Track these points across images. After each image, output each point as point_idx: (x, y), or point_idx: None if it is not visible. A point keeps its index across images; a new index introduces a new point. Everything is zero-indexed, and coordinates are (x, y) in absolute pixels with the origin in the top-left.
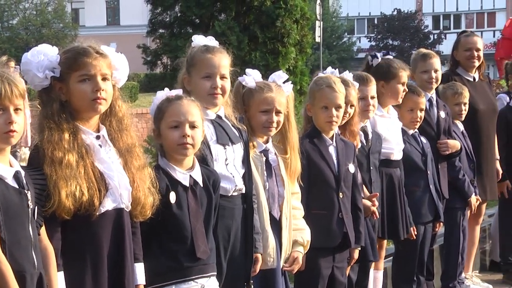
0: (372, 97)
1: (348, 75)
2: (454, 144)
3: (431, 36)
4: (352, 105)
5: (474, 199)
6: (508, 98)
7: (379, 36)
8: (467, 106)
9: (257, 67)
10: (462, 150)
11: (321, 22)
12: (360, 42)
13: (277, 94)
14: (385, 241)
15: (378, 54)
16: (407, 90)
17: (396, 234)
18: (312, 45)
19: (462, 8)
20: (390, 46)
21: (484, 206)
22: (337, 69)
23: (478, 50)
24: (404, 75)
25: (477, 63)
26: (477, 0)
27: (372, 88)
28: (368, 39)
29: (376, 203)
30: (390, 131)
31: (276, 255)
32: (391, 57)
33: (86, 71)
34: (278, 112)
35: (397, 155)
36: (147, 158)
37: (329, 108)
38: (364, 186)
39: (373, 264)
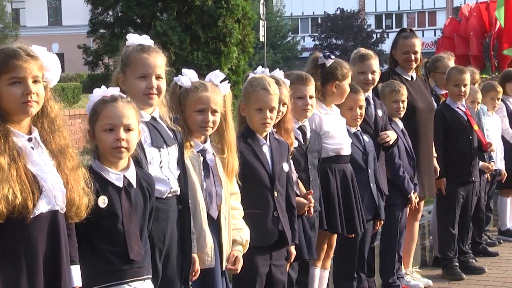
0: (311, 97)
1: (279, 74)
2: (392, 134)
3: (374, 35)
4: (284, 104)
5: (413, 196)
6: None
7: (323, 35)
8: (405, 103)
9: (199, 67)
10: (402, 146)
11: (265, 22)
12: (304, 41)
13: (212, 93)
14: (334, 240)
15: (332, 55)
16: (348, 89)
17: (354, 229)
18: (255, 45)
19: (404, 8)
20: (334, 45)
21: (422, 203)
22: (267, 68)
23: (415, 52)
24: (351, 75)
25: (414, 65)
26: (418, 0)
27: (311, 88)
28: (312, 38)
29: (312, 200)
30: (336, 127)
31: (214, 254)
32: (333, 56)
33: (16, 73)
34: (214, 112)
35: (347, 150)
36: (89, 160)
37: (263, 110)
38: (301, 184)
39: (320, 263)
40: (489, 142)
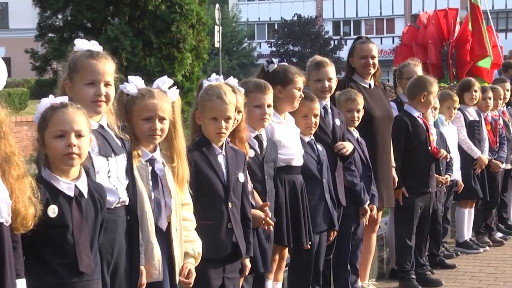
0: (269, 106)
1: (233, 81)
2: (349, 146)
3: (332, 42)
4: (239, 112)
5: (368, 207)
6: (396, 107)
7: (279, 42)
8: (361, 113)
9: (152, 73)
10: (357, 157)
11: (220, 27)
12: (260, 47)
13: (160, 100)
14: (286, 251)
15: (275, 60)
16: (303, 96)
17: (300, 242)
18: (210, 51)
19: (362, 14)
20: (291, 51)
21: (380, 214)
22: (221, 76)
23: (373, 57)
24: (300, 80)
25: (372, 70)
26: (377, 7)
27: (269, 97)
28: (269, 45)
29: (269, 212)
30: (288, 137)
31: (162, 267)
32: (286, 64)
33: None
34: (161, 119)
35: (298, 161)
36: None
37: (219, 120)
38: (257, 196)
39: (272, 275)
40: (439, 150)
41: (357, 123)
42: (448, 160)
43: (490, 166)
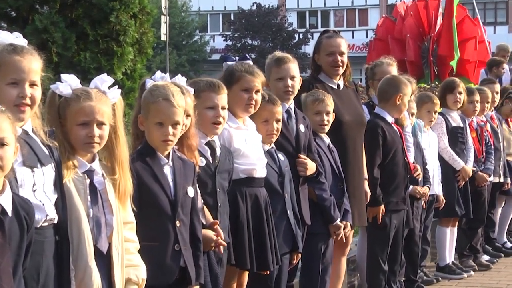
0: (223, 108)
1: (181, 80)
2: (312, 166)
3: (296, 36)
4: (188, 115)
5: (339, 225)
6: (368, 111)
7: (236, 35)
8: (331, 116)
9: (87, 70)
10: (328, 166)
11: (167, 17)
12: (214, 41)
13: (98, 102)
14: (246, 277)
15: (234, 57)
16: (254, 98)
17: (266, 265)
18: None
19: (331, 4)
20: (249, 46)
21: (351, 233)
22: (167, 74)
23: (342, 54)
24: (250, 80)
25: (341, 69)
26: None
27: (223, 97)
28: (224, 38)
29: (221, 232)
30: (249, 144)
31: None
32: (250, 62)
33: None
34: (100, 124)
35: (261, 172)
36: None
37: (165, 125)
38: (208, 213)
39: None
40: (415, 166)
41: (327, 128)
42: (418, 173)
43: (475, 179)
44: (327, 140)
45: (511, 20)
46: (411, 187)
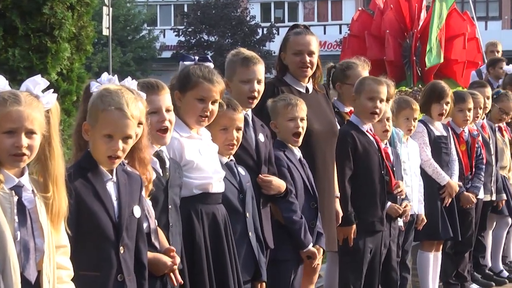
0: (168, 110)
1: (131, 84)
2: (279, 185)
3: (259, 31)
4: (140, 123)
5: (313, 251)
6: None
7: (190, 29)
8: (304, 123)
9: (16, 69)
10: (299, 183)
11: (110, 9)
12: (164, 36)
13: (28, 107)
14: None
15: (194, 57)
16: (210, 109)
17: None
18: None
19: None
20: (205, 42)
21: (321, 260)
22: (115, 76)
23: (311, 53)
24: (207, 88)
25: (310, 71)
26: None
27: (166, 98)
28: (176, 33)
29: (178, 258)
30: (204, 156)
31: None
32: (211, 65)
33: None
34: (30, 133)
35: (218, 187)
36: None
37: (115, 139)
38: (163, 235)
39: None
40: (397, 182)
41: (301, 138)
42: (400, 191)
43: (460, 199)
44: (298, 152)
45: (504, 14)
46: (389, 203)
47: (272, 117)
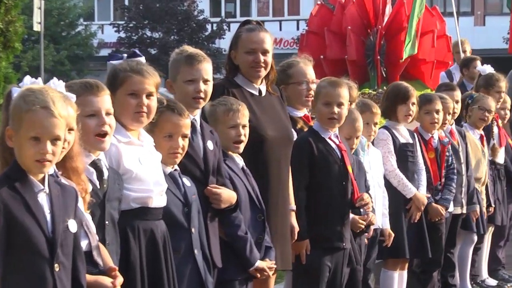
0: (108, 113)
1: (58, 85)
2: (230, 197)
3: (209, 27)
4: (71, 129)
5: (261, 267)
6: None
7: (131, 25)
8: (247, 130)
9: None
10: (243, 194)
11: (42, 2)
12: (103, 33)
13: None
14: None
15: (122, 55)
16: (146, 103)
17: None
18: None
19: None
20: (148, 39)
21: (273, 279)
22: (39, 79)
23: (265, 52)
24: (137, 81)
25: (263, 71)
26: None
27: (105, 99)
28: (116, 29)
29: (120, 279)
30: (144, 165)
31: None
32: (141, 59)
33: None
34: None
35: (159, 201)
36: None
37: (42, 141)
38: (105, 251)
39: None
40: (360, 195)
41: (243, 146)
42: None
43: (427, 211)
44: (240, 161)
45: (477, 10)
46: (350, 217)
47: (211, 123)
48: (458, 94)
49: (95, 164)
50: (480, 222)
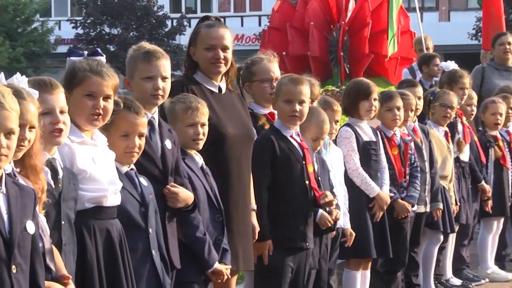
0: (63, 112)
1: (21, 81)
2: (187, 197)
3: (169, 23)
4: (32, 127)
5: (219, 270)
6: None
7: (89, 21)
8: (206, 128)
9: None
10: (202, 194)
11: None
12: (60, 29)
13: None
14: None
15: (82, 52)
16: (102, 106)
17: None
18: None
19: None
20: (107, 35)
21: (234, 280)
22: (1, 74)
23: (225, 48)
24: (96, 82)
25: (223, 68)
26: None
27: (60, 97)
28: (73, 25)
29: (71, 284)
30: (98, 165)
31: None
32: (101, 58)
33: None
34: None
35: (113, 200)
36: None
37: None
38: (59, 256)
39: None
40: (323, 193)
41: (201, 144)
42: (329, 201)
43: (393, 208)
44: (199, 160)
45: (441, 5)
46: (320, 212)
47: (170, 121)
48: (420, 91)
49: (50, 163)
50: (448, 221)
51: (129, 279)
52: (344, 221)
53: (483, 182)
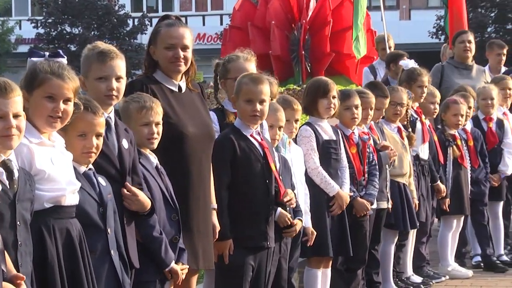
0: (16, 115)
1: None
2: (144, 202)
3: (130, 22)
4: None
5: (175, 269)
6: (216, 118)
7: (50, 20)
8: (160, 127)
9: None
10: (157, 193)
11: None
12: (20, 28)
13: None
14: None
15: (44, 53)
16: (62, 109)
17: None
18: None
19: None
20: (68, 35)
21: (194, 279)
22: None
23: (185, 47)
24: (56, 85)
25: (183, 67)
26: None
27: (15, 101)
28: (34, 24)
29: (23, 284)
30: (56, 164)
31: None
32: (63, 60)
33: None
34: None
35: (71, 199)
36: None
37: None
38: (9, 260)
39: None
40: (285, 191)
41: (155, 143)
42: (289, 200)
43: (353, 207)
44: (154, 160)
45: (402, 4)
46: (279, 210)
47: (124, 120)
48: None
49: (5, 164)
50: (408, 217)
51: (89, 278)
52: (305, 220)
53: (438, 181)
